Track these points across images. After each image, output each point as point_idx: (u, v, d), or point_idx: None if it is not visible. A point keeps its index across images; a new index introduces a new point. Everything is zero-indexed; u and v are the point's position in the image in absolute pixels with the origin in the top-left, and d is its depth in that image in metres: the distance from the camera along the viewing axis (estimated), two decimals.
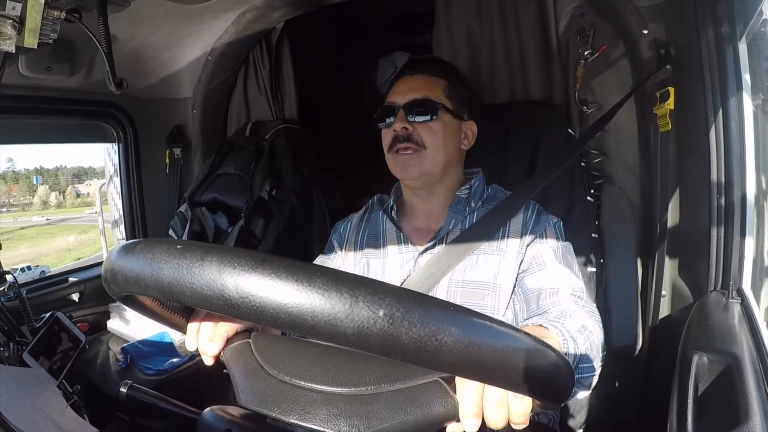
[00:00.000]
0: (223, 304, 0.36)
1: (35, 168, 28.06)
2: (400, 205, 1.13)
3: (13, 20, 0.83)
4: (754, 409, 0.59)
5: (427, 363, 0.36)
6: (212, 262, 0.36)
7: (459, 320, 0.36)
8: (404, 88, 1.04)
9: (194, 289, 0.36)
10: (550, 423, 0.97)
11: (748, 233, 0.92)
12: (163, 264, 0.38)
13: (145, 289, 0.40)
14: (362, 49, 2.27)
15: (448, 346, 0.35)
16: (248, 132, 1.72)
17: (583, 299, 0.89)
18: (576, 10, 1.30)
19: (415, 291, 0.37)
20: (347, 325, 0.34)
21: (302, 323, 0.34)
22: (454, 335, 0.35)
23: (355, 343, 0.34)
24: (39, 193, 29.18)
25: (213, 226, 1.57)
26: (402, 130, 1.00)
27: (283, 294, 0.34)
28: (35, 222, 23.38)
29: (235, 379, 0.57)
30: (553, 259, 0.96)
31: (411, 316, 0.34)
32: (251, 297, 0.35)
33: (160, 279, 0.38)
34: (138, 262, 0.40)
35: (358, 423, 0.49)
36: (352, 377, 0.52)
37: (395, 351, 0.35)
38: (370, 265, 1.08)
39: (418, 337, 0.34)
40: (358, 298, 0.34)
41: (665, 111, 1.10)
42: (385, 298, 0.35)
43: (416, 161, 1.01)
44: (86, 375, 1.52)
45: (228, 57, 1.68)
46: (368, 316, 0.34)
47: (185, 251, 0.38)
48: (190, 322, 0.64)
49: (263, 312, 0.35)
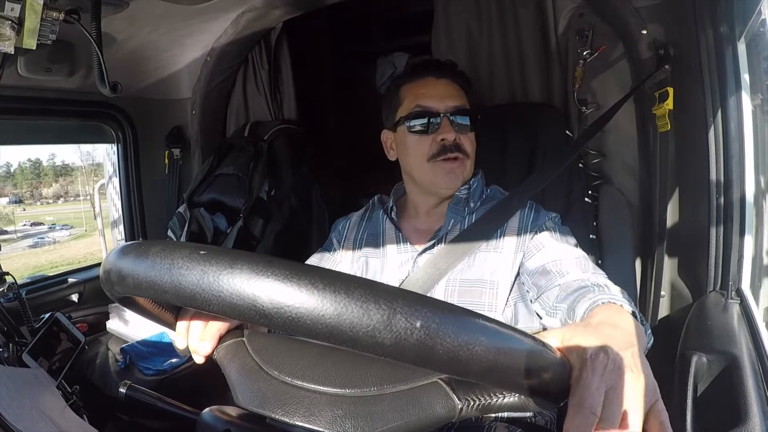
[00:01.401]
0: (255, 315, 0.35)
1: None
2: (400, 206, 1.13)
3: (12, 21, 0.83)
4: (753, 410, 0.59)
5: (455, 371, 0.37)
6: (243, 270, 0.36)
7: (488, 330, 0.38)
8: (438, 93, 1.01)
9: (222, 298, 0.36)
10: (546, 425, 0.97)
11: (747, 233, 0.92)
12: (185, 271, 0.38)
13: (149, 292, 0.40)
14: (361, 50, 2.27)
15: (478, 356, 0.36)
16: (247, 132, 1.71)
17: (589, 267, 0.88)
18: (575, 10, 1.30)
19: (448, 302, 0.38)
20: (386, 336, 0.34)
21: (340, 335, 0.34)
22: (483, 344, 0.36)
23: (392, 354, 0.35)
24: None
25: (212, 227, 1.57)
26: (455, 140, 0.99)
27: (321, 306, 0.34)
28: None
29: (232, 379, 0.56)
30: (550, 238, 0.96)
31: (446, 327, 0.35)
32: (287, 309, 0.35)
33: (182, 287, 0.38)
34: (141, 265, 0.40)
35: (362, 424, 0.49)
36: (355, 378, 0.52)
37: (429, 361, 0.36)
38: (369, 264, 1.08)
39: (451, 347, 0.35)
40: (396, 310, 0.35)
41: (664, 111, 1.10)
42: (422, 310, 0.35)
43: (461, 171, 1.01)
44: (86, 375, 1.52)
45: (227, 57, 1.68)
46: (406, 327, 0.34)
47: (209, 257, 0.37)
48: (180, 320, 0.62)
49: (300, 323, 0.35)
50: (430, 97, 1.01)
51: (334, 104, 2.23)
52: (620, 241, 1.21)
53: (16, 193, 23.85)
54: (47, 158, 15.56)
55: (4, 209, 16.61)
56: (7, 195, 18.60)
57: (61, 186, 25.01)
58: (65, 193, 24.43)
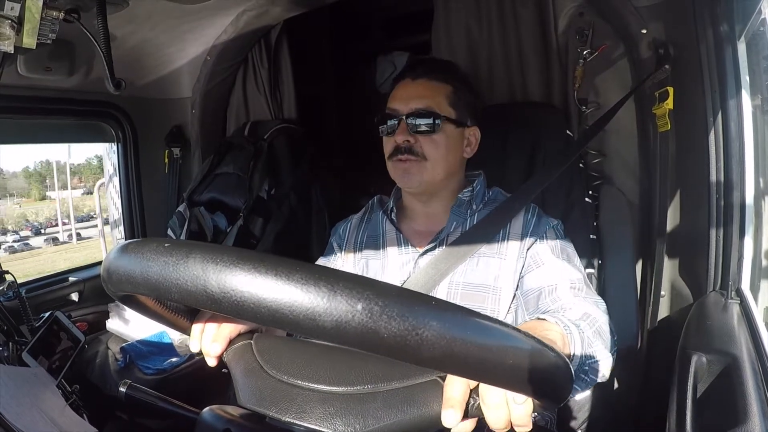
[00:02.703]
0: (207, 300, 0.36)
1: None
2: (400, 207, 1.13)
3: (12, 20, 0.83)
4: (753, 410, 0.59)
5: (409, 358, 0.35)
6: (196, 259, 0.36)
7: (440, 315, 0.36)
8: (406, 95, 1.02)
9: (180, 285, 0.37)
10: (547, 425, 0.97)
11: (747, 233, 0.92)
12: (151, 262, 0.39)
13: (136, 288, 0.41)
14: (361, 49, 2.27)
15: (429, 341, 0.35)
16: (247, 131, 1.71)
17: (582, 291, 0.88)
18: (575, 9, 1.30)
19: (396, 285, 0.37)
20: (326, 319, 0.33)
21: (281, 318, 0.34)
22: (435, 330, 0.35)
23: (334, 337, 0.34)
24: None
25: (211, 226, 1.57)
26: (404, 142, 0.99)
27: (262, 289, 0.34)
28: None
29: (236, 380, 0.57)
30: (551, 255, 0.95)
31: (390, 310, 0.34)
32: (232, 292, 0.35)
33: (149, 277, 0.39)
34: (131, 261, 0.41)
35: (353, 422, 0.49)
36: (349, 377, 0.53)
37: (375, 345, 0.34)
38: (370, 266, 1.08)
39: (397, 332, 0.34)
40: (336, 292, 0.34)
41: (664, 111, 1.10)
42: (364, 292, 0.34)
43: (416, 170, 1.00)
44: (85, 374, 1.52)
45: (227, 56, 1.68)
46: (346, 309, 0.34)
47: (171, 249, 0.38)
48: (195, 323, 0.64)
49: (244, 307, 0.35)
50: (397, 99, 1.02)
51: (334, 103, 2.23)
52: (621, 241, 1.21)
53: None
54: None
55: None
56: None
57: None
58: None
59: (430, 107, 1.00)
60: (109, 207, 2.01)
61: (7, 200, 15.62)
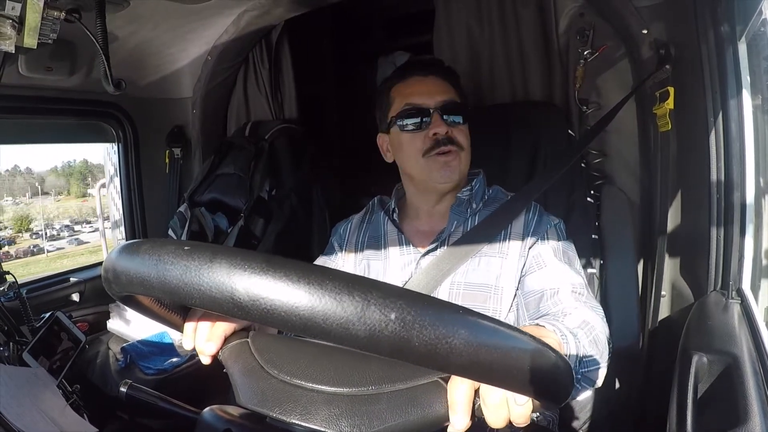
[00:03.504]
0: (233, 307, 0.35)
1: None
2: (402, 207, 1.12)
3: (13, 20, 0.83)
4: (754, 410, 0.59)
5: (436, 365, 0.36)
6: (221, 264, 0.36)
7: (468, 322, 0.36)
8: (428, 89, 1.01)
9: (203, 291, 0.36)
10: (549, 425, 0.97)
11: (748, 233, 0.92)
12: (170, 265, 0.38)
13: (150, 290, 0.40)
14: (362, 49, 2.27)
15: (458, 349, 0.35)
16: (248, 132, 1.71)
17: (583, 296, 0.88)
18: (576, 10, 1.30)
19: (426, 294, 0.38)
20: (359, 328, 0.34)
21: (314, 326, 0.34)
22: (463, 338, 0.35)
23: (366, 346, 0.34)
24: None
25: (212, 227, 1.57)
26: (445, 134, 0.99)
27: (295, 297, 0.34)
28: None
29: (234, 379, 0.57)
30: (553, 257, 0.95)
31: (422, 320, 0.35)
32: (262, 300, 0.35)
33: (167, 280, 0.38)
34: (143, 263, 0.40)
35: (359, 423, 0.49)
36: (353, 377, 0.52)
37: (406, 354, 0.35)
38: (371, 266, 1.07)
39: (428, 340, 0.35)
40: (370, 302, 0.34)
41: (665, 111, 1.10)
42: (397, 302, 0.35)
43: (456, 163, 1.00)
44: (86, 375, 1.52)
45: (228, 56, 1.68)
46: (380, 319, 0.34)
47: (193, 252, 0.38)
48: (187, 321, 0.63)
49: (274, 315, 0.35)
50: (419, 94, 1.01)
51: (335, 104, 2.23)
52: (622, 241, 1.21)
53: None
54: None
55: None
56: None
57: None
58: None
59: (455, 99, 1.01)
60: (110, 207, 2.01)
61: (41, 197, 15.74)
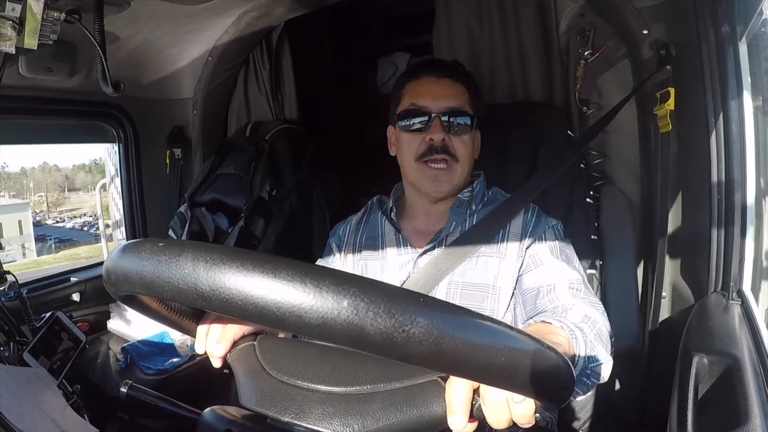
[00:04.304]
0: (197, 297, 0.36)
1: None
2: (400, 207, 1.12)
3: (13, 21, 0.83)
4: (754, 411, 0.59)
5: (396, 355, 0.35)
6: (187, 258, 0.37)
7: (428, 311, 0.35)
8: (435, 92, 1.00)
9: (171, 283, 0.37)
10: (548, 425, 0.97)
11: (749, 234, 0.92)
12: (146, 261, 0.39)
13: (132, 287, 0.41)
14: (362, 49, 2.27)
15: (416, 338, 0.34)
16: (248, 132, 1.72)
17: (581, 291, 0.88)
18: (576, 10, 1.30)
19: (384, 282, 0.36)
20: (312, 315, 0.33)
21: (268, 314, 0.34)
22: (422, 326, 0.34)
23: (320, 334, 0.34)
24: None
25: (213, 227, 1.57)
26: (441, 141, 0.98)
27: (249, 286, 0.34)
28: None
29: (238, 380, 0.58)
30: (550, 255, 0.95)
31: (376, 307, 0.34)
32: (220, 290, 0.35)
33: (143, 275, 0.39)
34: (127, 261, 0.41)
35: (352, 422, 0.49)
36: (349, 377, 0.53)
37: (362, 342, 0.34)
38: (369, 266, 1.07)
39: (384, 328, 0.34)
40: (322, 289, 0.34)
41: (666, 111, 1.10)
42: (350, 289, 0.34)
43: (448, 176, 0.99)
44: (86, 375, 1.52)
45: (228, 57, 1.68)
46: (332, 306, 0.33)
47: (165, 248, 0.38)
48: (200, 324, 0.65)
49: (232, 304, 0.35)
50: (425, 96, 1.01)
51: (335, 104, 2.23)
52: (622, 242, 1.21)
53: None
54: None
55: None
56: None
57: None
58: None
59: (461, 106, 1.00)
60: (110, 207, 2.01)
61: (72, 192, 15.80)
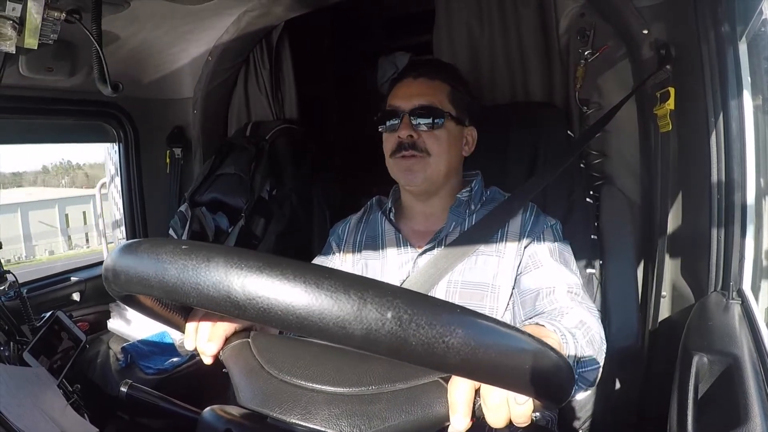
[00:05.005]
0: (230, 306, 0.35)
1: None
2: (399, 207, 1.13)
3: (14, 21, 0.83)
4: (755, 410, 0.59)
5: (434, 365, 0.36)
6: (218, 263, 0.36)
7: (465, 321, 0.36)
8: (408, 92, 1.02)
9: (200, 290, 0.36)
10: (548, 425, 0.97)
11: (749, 234, 0.92)
12: (168, 264, 0.38)
13: (149, 290, 0.40)
14: (362, 49, 2.27)
15: (455, 348, 0.35)
16: (248, 132, 1.72)
17: (579, 295, 0.89)
18: (576, 10, 1.30)
19: (423, 293, 0.37)
20: (355, 327, 0.34)
21: (310, 325, 0.34)
22: (460, 337, 0.35)
23: (363, 346, 0.34)
24: None
25: (213, 226, 1.57)
26: (408, 137, 1.00)
27: (291, 296, 0.34)
28: None
29: (235, 379, 0.57)
30: (549, 257, 0.96)
31: (419, 318, 0.34)
32: (258, 299, 0.35)
33: (165, 279, 0.38)
34: (142, 262, 0.40)
35: (359, 423, 0.49)
36: (353, 377, 0.53)
37: (403, 353, 0.35)
38: (369, 266, 1.08)
39: (425, 339, 0.34)
40: (367, 300, 0.34)
41: (666, 111, 1.10)
42: (394, 300, 0.34)
43: (420, 167, 1.00)
44: (86, 374, 1.52)
45: (229, 56, 1.68)
46: (377, 318, 0.34)
47: (191, 252, 0.38)
48: (189, 321, 0.64)
49: (271, 314, 0.34)
50: (399, 97, 1.03)
51: (335, 104, 2.24)
52: (622, 242, 1.21)
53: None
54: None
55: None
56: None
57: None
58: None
59: (432, 103, 1.01)
60: (110, 207, 2.01)
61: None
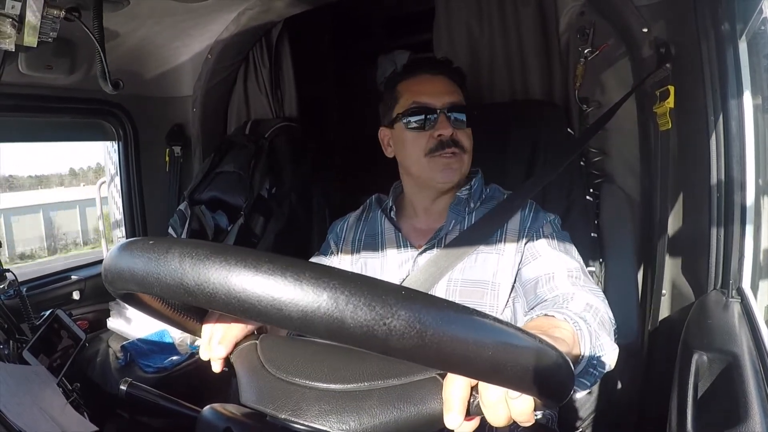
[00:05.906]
0: (183, 293, 0.36)
1: None
2: (399, 205, 1.12)
3: (13, 19, 0.83)
4: (754, 408, 0.59)
5: (378, 349, 0.35)
6: (174, 254, 0.37)
7: (410, 304, 0.35)
8: (436, 89, 1.02)
9: (160, 279, 0.37)
10: (548, 423, 0.97)
11: (748, 232, 0.92)
12: (137, 258, 0.39)
13: (126, 284, 0.41)
14: (362, 48, 2.27)
15: (398, 331, 0.34)
16: (248, 130, 1.71)
17: (581, 279, 0.88)
18: (576, 8, 1.30)
19: (366, 275, 0.36)
20: (292, 309, 0.33)
21: (251, 308, 0.34)
22: (403, 319, 0.34)
23: (301, 327, 0.34)
24: None
25: (212, 225, 1.57)
26: (451, 135, 0.99)
27: (231, 280, 0.34)
28: None
29: (240, 379, 0.58)
30: (547, 246, 0.96)
31: (356, 299, 0.33)
32: (205, 284, 0.35)
33: (135, 272, 0.39)
34: (126, 260, 0.41)
35: (348, 419, 0.49)
36: (347, 374, 0.53)
37: (342, 335, 0.34)
38: (368, 265, 1.08)
39: (364, 321, 0.33)
40: (303, 282, 0.34)
41: (665, 109, 1.10)
42: (330, 282, 0.34)
43: (458, 165, 1.01)
44: (86, 373, 1.52)
45: (228, 54, 1.68)
46: (312, 299, 0.33)
47: (155, 246, 0.39)
48: (204, 324, 0.65)
49: (216, 298, 0.35)
50: (427, 94, 1.01)
51: (335, 102, 2.23)
52: (621, 240, 1.21)
53: None
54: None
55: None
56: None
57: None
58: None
59: (461, 101, 1.02)
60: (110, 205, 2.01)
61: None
